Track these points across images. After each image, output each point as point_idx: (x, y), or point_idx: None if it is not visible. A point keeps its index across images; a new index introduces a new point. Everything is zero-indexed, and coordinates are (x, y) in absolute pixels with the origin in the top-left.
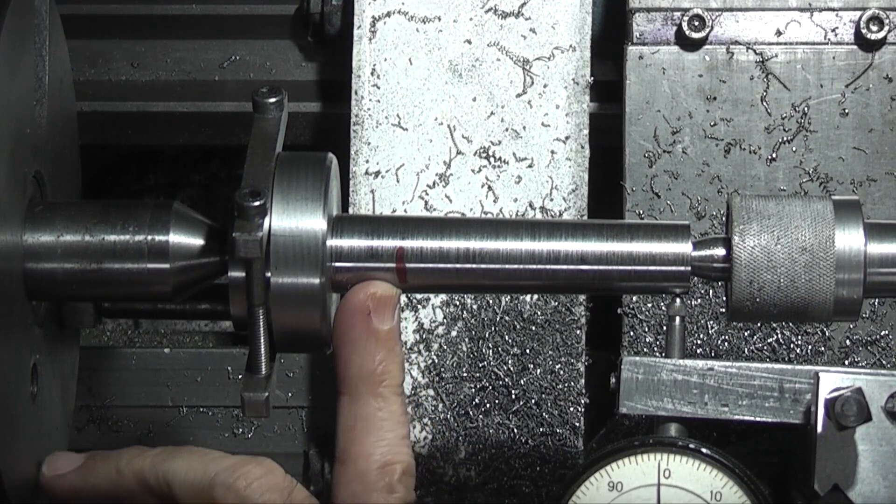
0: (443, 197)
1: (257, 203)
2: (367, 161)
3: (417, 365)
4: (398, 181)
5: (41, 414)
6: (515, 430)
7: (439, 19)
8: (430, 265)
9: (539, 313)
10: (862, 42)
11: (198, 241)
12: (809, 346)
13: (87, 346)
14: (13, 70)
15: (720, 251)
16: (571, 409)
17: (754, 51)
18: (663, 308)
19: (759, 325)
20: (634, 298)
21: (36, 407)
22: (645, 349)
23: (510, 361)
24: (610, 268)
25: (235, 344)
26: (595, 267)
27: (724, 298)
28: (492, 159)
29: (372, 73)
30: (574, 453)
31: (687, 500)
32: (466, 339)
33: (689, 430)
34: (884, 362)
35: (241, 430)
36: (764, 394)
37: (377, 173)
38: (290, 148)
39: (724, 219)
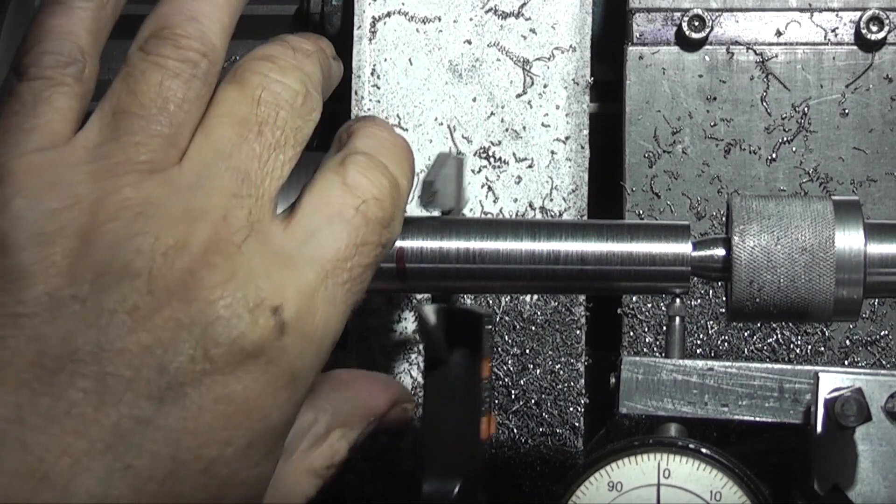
0: None
1: None
2: None
3: (417, 365)
4: None
5: None
6: (515, 430)
7: (439, 19)
8: (430, 265)
9: (539, 313)
10: (862, 42)
11: None
12: (809, 346)
13: None
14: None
15: (720, 251)
16: (571, 409)
17: (754, 51)
18: (663, 308)
19: (759, 325)
20: (634, 298)
21: None
22: (645, 349)
23: (510, 361)
24: (610, 268)
25: None
26: (595, 267)
27: (724, 298)
28: (492, 159)
29: (372, 74)
30: (574, 453)
31: (687, 500)
32: None
33: (689, 430)
34: (884, 362)
35: None
36: (764, 394)
37: None
38: None
39: (724, 219)
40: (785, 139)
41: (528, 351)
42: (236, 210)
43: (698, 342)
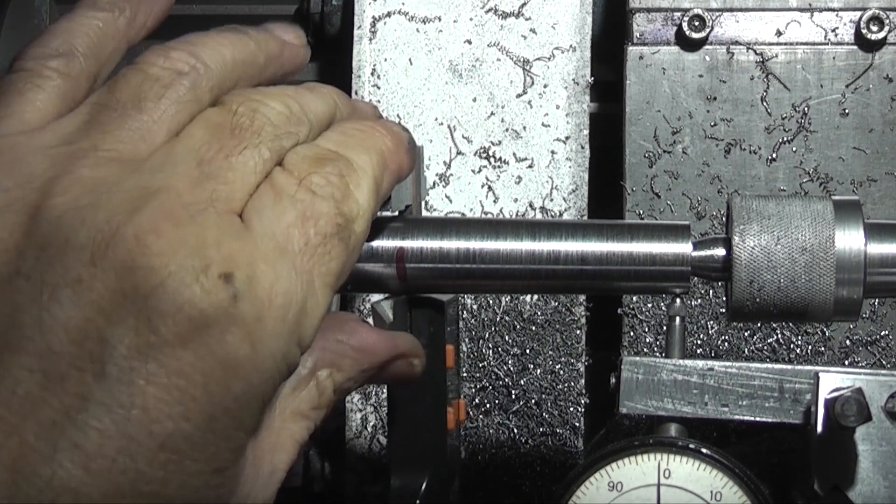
0: (443, 197)
1: None
2: None
3: None
4: None
5: None
6: (515, 430)
7: (439, 19)
8: (430, 265)
9: (539, 313)
10: (862, 42)
11: None
12: (809, 346)
13: None
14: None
15: (720, 251)
16: (571, 409)
17: (754, 51)
18: (663, 308)
19: (759, 325)
20: (634, 298)
21: None
22: (645, 349)
23: (510, 361)
24: (610, 268)
25: None
26: (595, 267)
27: (724, 298)
28: (492, 159)
29: (372, 74)
30: (574, 453)
31: (687, 500)
32: (466, 339)
33: (689, 430)
34: (884, 362)
35: None
36: (764, 394)
37: None
38: None
39: (724, 219)
40: (785, 139)
41: (528, 351)
42: (195, 190)
43: (698, 342)
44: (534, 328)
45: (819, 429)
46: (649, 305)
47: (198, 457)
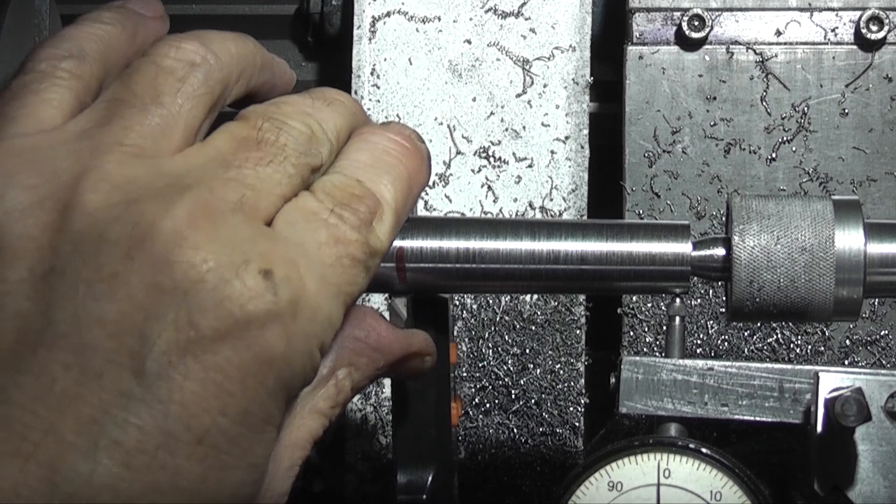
0: (443, 197)
1: None
2: None
3: None
4: None
5: None
6: (515, 430)
7: (439, 19)
8: (430, 265)
9: (539, 313)
10: (862, 42)
11: None
12: (809, 346)
13: None
14: (14, 70)
15: (720, 251)
16: (571, 409)
17: (754, 51)
18: (663, 308)
19: (759, 325)
20: (634, 298)
21: None
22: (645, 349)
23: (510, 361)
24: (610, 268)
25: None
26: (595, 267)
27: (724, 298)
28: (491, 159)
29: (372, 73)
30: (574, 453)
31: (687, 500)
32: (466, 339)
33: (689, 430)
34: (884, 362)
35: None
36: (764, 394)
37: None
38: None
39: (724, 219)
40: (785, 139)
41: (528, 351)
42: (226, 190)
43: (698, 342)
44: (533, 328)
45: (819, 429)
46: (649, 305)
47: (234, 451)
